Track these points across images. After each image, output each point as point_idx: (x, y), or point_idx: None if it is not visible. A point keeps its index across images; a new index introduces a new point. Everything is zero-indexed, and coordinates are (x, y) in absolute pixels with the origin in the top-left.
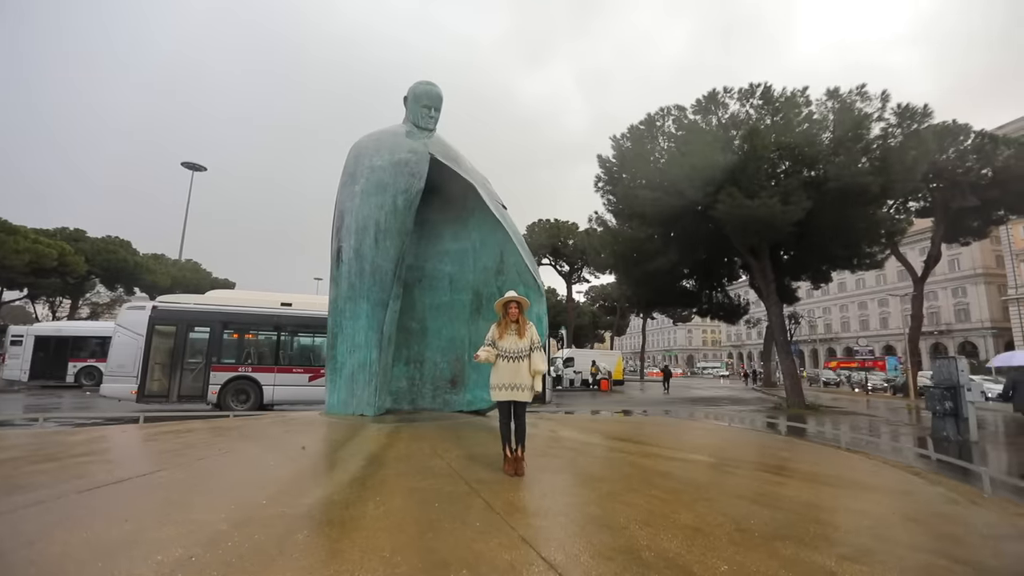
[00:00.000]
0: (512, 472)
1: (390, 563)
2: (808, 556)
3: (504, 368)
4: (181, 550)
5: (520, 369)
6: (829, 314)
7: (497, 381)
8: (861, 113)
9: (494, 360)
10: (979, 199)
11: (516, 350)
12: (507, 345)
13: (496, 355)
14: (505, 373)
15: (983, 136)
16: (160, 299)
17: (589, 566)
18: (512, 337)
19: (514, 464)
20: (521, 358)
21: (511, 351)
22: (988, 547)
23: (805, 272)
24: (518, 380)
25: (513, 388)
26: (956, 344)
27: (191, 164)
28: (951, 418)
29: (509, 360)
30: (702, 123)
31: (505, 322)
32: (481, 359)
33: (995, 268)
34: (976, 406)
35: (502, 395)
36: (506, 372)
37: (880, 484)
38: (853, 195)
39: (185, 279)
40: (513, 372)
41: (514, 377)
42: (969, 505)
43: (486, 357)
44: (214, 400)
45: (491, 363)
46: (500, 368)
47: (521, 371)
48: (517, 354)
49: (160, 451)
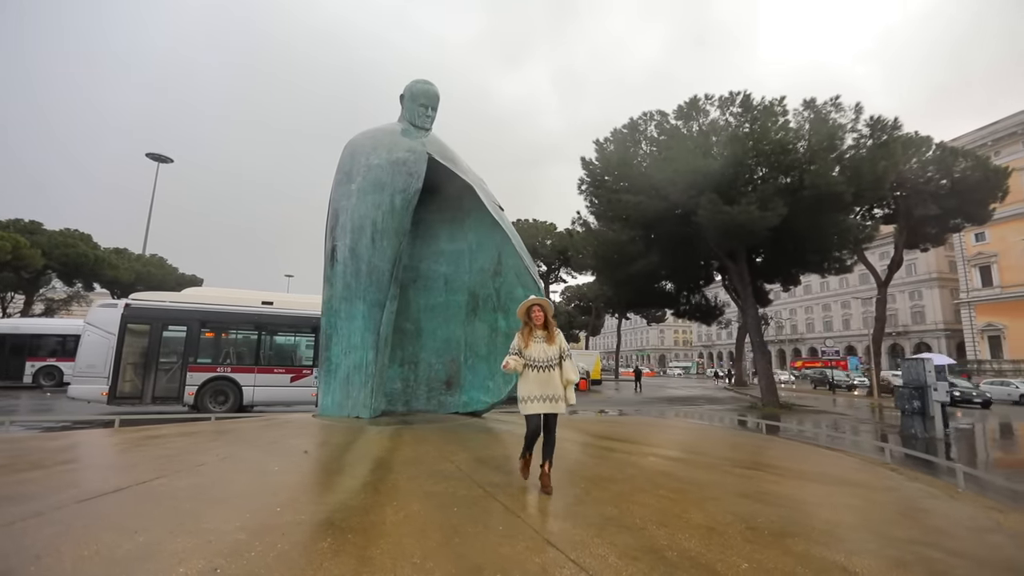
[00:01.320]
0: (527, 477)
1: (423, 569)
2: (819, 552)
3: (533, 379)
4: (203, 561)
5: (551, 379)
6: (795, 316)
7: (527, 393)
8: (835, 124)
9: (521, 370)
10: (939, 208)
11: (545, 359)
12: (535, 354)
13: (524, 365)
14: (535, 384)
15: (943, 148)
16: (133, 296)
17: (619, 567)
18: (540, 344)
19: (542, 479)
20: (551, 367)
21: (540, 360)
22: (975, 539)
23: (779, 275)
24: (550, 391)
25: (546, 400)
26: (912, 345)
27: (157, 156)
28: (919, 416)
29: (538, 370)
30: (683, 129)
31: (530, 328)
32: (509, 369)
33: (948, 273)
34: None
35: (533, 407)
36: (536, 383)
37: (865, 481)
38: (827, 202)
39: (150, 275)
40: (544, 383)
41: (545, 388)
42: (948, 500)
43: (515, 366)
44: (191, 402)
45: (518, 373)
46: (529, 379)
47: (553, 381)
48: (547, 363)
49: (154, 457)
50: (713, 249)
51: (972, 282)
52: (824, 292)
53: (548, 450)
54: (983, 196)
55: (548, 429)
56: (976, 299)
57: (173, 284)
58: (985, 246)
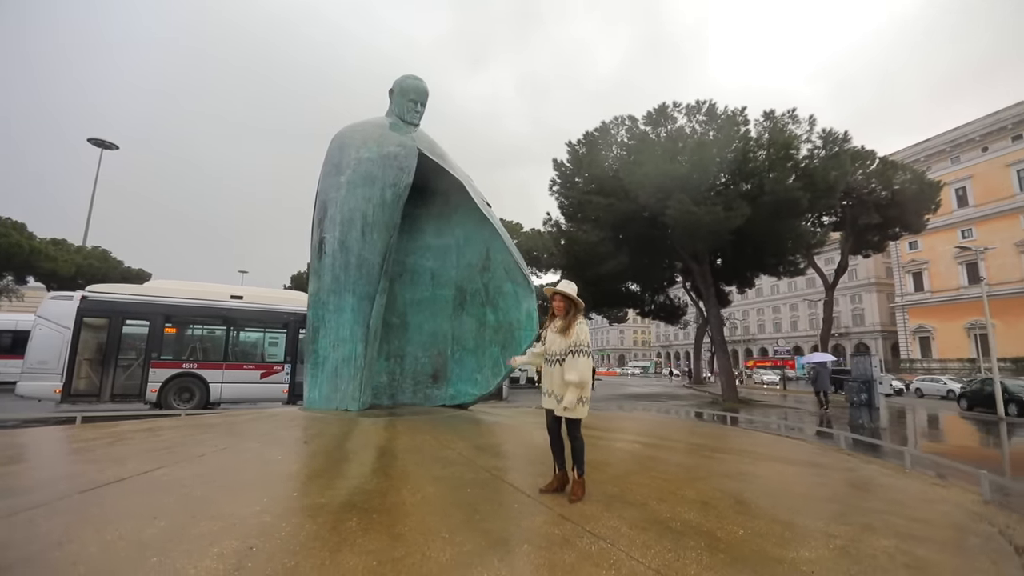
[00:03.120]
0: (551, 489)
1: (453, 543)
2: (801, 521)
3: (548, 372)
4: (236, 542)
5: (555, 375)
6: (748, 318)
7: (543, 387)
8: (792, 135)
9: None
10: (881, 217)
11: (558, 351)
12: (550, 346)
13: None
14: (544, 377)
15: (885, 162)
16: (91, 289)
17: (631, 536)
18: (555, 335)
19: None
20: (558, 361)
21: (554, 352)
22: (928, 508)
23: (737, 278)
24: (552, 387)
25: (549, 395)
26: (852, 345)
27: (99, 141)
28: (865, 408)
29: (553, 363)
30: (652, 134)
31: (549, 318)
32: (516, 363)
33: (885, 278)
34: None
35: (546, 403)
36: (545, 376)
37: (827, 463)
38: (785, 207)
39: (92, 268)
40: (556, 377)
41: (549, 383)
42: (900, 477)
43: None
44: (153, 399)
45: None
46: (546, 372)
47: (555, 377)
48: (560, 356)
49: (145, 450)
50: (679, 251)
51: (906, 287)
52: (774, 295)
53: (575, 457)
54: (919, 207)
55: (568, 432)
56: (909, 303)
57: (117, 278)
58: (918, 254)
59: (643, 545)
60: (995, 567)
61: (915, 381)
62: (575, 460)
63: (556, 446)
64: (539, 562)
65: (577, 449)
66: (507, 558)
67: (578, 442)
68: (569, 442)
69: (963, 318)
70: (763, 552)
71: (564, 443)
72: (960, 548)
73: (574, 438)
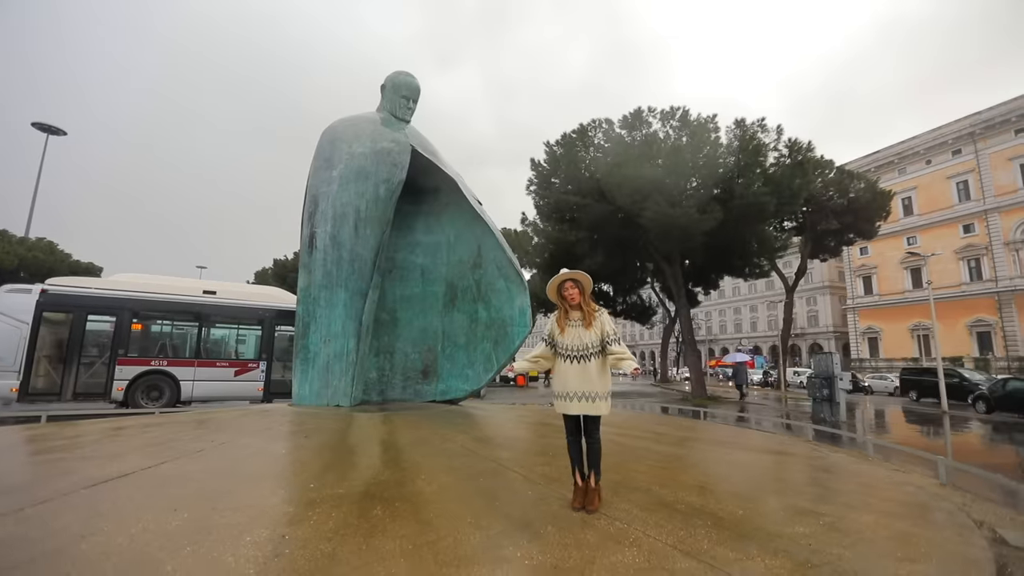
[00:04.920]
0: (580, 506)
1: (480, 527)
2: (791, 501)
3: (567, 371)
4: (266, 531)
5: (589, 371)
6: (711, 318)
7: (561, 388)
8: (761, 143)
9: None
10: (838, 223)
11: (581, 346)
12: (569, 340)
13: (556, 355)
14: (570, 377)
15: (842, 171)
16: (51, 282)
17: (643, 517)
18: (576, 329)
19: (582, 496)
20: (589, 356)
21: (575, 348)
22: (896, 489)
23: (705, 279)
24: (588, 387)
25: (582, 398)
26: (808, 345)
27: (44, 126)
28: (827, 402)
29: (573, 360)
30: (628, 138)
31: (564, 310)
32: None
33: (838, 282)
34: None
35: (568, 407)
36: (571, 376)
37: (800, 452)
38: (754, 212)
39: (36, 260)
40: (578, 376)
41: (582, 383)
42: (865, 464)
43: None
44: (120, 398)
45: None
46: (562, 371)
47: (589, 374)
48: (583, 351)
49: (138, 446)
50: (652, 252)
51: (857, 290)
52: (735, 297)
53: (592, 459)
54: (871, 214)
55: (588, 433)
56: (859, 305)
57: (65, 271)
58: (868, 259)
59: (656, 525)
60: (961, 537)
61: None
62: (592, 463)
63: (577, 450)
64: (566, 541)
65: (596, 451)
66: (535, 539)
67: (598, 443)
68: (587, 444)
69: (908, 320)
70: (764, 529)
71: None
72: (930, 522)
73: (595, 439)
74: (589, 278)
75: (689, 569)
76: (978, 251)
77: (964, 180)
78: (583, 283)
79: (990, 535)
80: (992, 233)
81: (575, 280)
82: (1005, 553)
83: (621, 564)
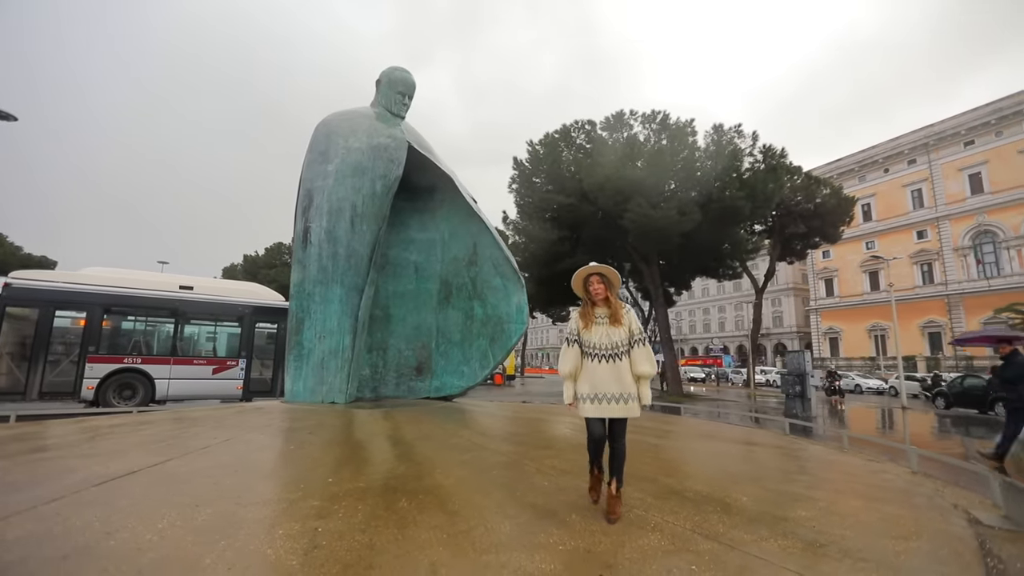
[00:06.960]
0: (597, 497)
1: (507, 515)
2: (785, 488)
3: (596, 371)
4: (297, 524)
5: (619, 372)
6: (681, 319)
7: (588, 390)
8: (737, 148)
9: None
10: (805, 227)
11: (610, 345)
12: (597, 339)
13: (583, 354)
14: (604, 378)
15: (809, 177)
16: (15, 275)
17: (657, 504)
18: (602, 327)
19: (609, 502)
20: (620, 355)
21: (603, 347)
22: (875, 477)
23: (680, 280)
24: (619, 388)
25: (619, 399)
26: (773, 345)
27: None
28: (799, 399)
29: (602, 359)
30: (609, 139)
31: (589, 306)
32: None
33: (801, 284)
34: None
35: (596, 410)
36: (605, 376)
37: (783, 445)
38: (729, 215)
39: None
40: (611, 376)
41: (612, 384)
42: (842, 455)
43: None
44: (90, 397)
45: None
46: (589, 371)
47: (621, 374)
48: (612, 350)
49: (138, 443)
50: (631, 252)
51: (819, 292)
52: (704, 298)
53: (616, 464)
54: (837, 219)
55: (614, 437)
56: (821, 306)
57: (17, 265)
58: (830, 262)
59: (671, 511)
60: (943, 517)
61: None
62: (616, 469)
63: (598, 452)
64: (593, 528)
65: (621, 456)
66: (563, 526)
67: (624, 448)
68: (611, 448)
69: (866, 321)
70: (770, 513)
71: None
72: (913, 505)
73: (621, 444)
74: (617, 273)
75: (712, 550)
76: (930, 256)
77: (918, 188)
78: (610, 278)
79: (966, 516)
80: (943, 239)
81: (602, 274)
82: (981, 532)
83: (649, 547)
